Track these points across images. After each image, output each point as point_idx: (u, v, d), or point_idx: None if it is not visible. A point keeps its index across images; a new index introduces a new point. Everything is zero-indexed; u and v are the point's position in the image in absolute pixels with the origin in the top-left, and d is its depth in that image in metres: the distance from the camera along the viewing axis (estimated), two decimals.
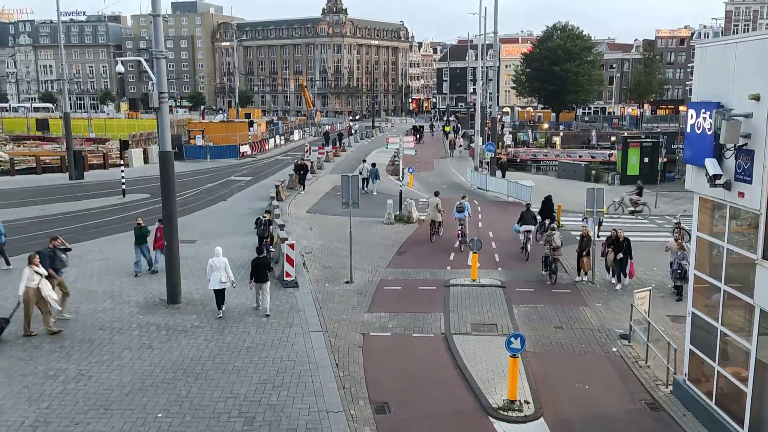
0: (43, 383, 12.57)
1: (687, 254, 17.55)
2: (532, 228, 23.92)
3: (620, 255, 19.73)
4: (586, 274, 20.44)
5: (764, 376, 10.19)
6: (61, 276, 16.23)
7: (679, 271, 18.49)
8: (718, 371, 11.37)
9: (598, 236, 21.24)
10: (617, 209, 32.22)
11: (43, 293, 14.60)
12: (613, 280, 20.13)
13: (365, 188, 37.14)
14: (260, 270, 16.42)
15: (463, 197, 25.86)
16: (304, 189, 37.46)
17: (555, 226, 23.71)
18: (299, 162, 40.24)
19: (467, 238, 23.74)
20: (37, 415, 11.37)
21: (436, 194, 27.33)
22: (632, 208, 31.49)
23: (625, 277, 19.90)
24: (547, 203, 26.38)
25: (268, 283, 16.58)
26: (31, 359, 13.66)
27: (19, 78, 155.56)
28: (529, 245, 23.34)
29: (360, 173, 38.22)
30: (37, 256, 15.02)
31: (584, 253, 20.36)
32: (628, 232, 21.29)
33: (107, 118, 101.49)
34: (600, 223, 23.62)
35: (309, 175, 42.15)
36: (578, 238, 21.17)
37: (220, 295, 16.39)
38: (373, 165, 39.53)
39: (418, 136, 68.29)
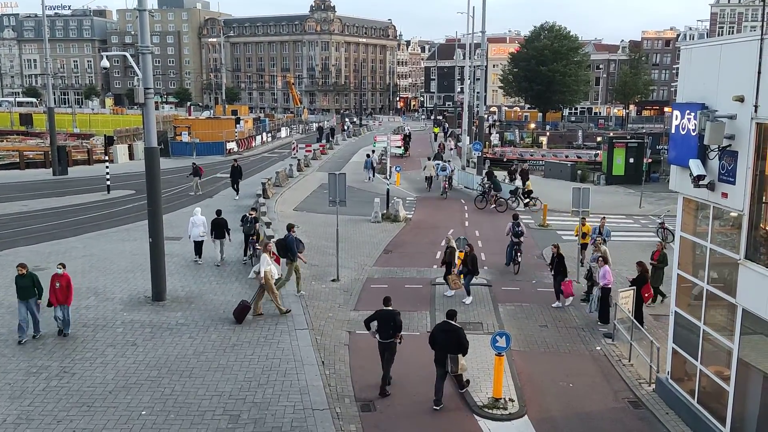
0: (25, 380, 12.45)
1: (598, 256, 17.82)
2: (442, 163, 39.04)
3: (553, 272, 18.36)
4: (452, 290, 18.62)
5: (746, 375, 10.31)
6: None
7: (588, 272, 18.41)
8: (700, 370, 11.49)
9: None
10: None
11: (271, 276, 16.02)
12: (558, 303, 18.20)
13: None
14: (219, 228, 20.50)
15: (446, 161, 39.96)
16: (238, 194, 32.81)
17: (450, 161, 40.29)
18: (234, 164, 33.71)
19: (448, 191, 36.25)
20: (19, 413, 11.27)
21: (429, 159, 40.38)
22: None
23: (558, 297, 18.13)
24: None
25: (225, 239, 20.64)
26: (13, 356, 13.53)
27: (2, 72, 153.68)
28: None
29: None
30: (271, 243, 17.15)
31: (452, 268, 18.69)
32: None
33: (92, 113, 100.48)
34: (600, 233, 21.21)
35: (297, 173, 42.08)
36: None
37: (199, 246, 20.70)
38: (368, 156, 42.88)
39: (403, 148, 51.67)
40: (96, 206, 31.46)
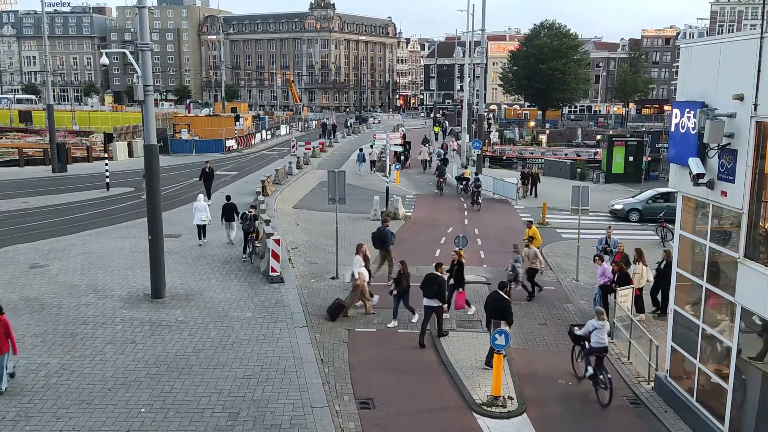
0: (24, 377, 12.44)
1: (520, 256, 18.53)
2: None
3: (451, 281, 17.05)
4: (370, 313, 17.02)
5: (745, 373, 10.31)
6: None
7: (511, 273, 18.55)
8: (699, 368, 11.50)
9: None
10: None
11: (363, 278, 16.71)
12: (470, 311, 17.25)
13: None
14: (228, 212, 22.07)
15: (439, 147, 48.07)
16: (209, 199, 28.27)
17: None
18: (206, 167, 30.36)
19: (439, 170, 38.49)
20: (18, 410, 11.26)
21: (423, 144, 46.39)
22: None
23: (448, 306, 16.56)
24: None
25: (235, 222, 22.29)
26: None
27: (2, 69, 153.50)
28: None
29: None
30: (365, 245, 17.62)
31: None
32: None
33: (91, 110, 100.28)
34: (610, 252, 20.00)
35: (296, 170, 42.02)
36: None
37: (202, 229, 22.31)
38: (361, 150, 45.41)
39: (403, 157, 44.56)
40: (95, 203, 31.44)
